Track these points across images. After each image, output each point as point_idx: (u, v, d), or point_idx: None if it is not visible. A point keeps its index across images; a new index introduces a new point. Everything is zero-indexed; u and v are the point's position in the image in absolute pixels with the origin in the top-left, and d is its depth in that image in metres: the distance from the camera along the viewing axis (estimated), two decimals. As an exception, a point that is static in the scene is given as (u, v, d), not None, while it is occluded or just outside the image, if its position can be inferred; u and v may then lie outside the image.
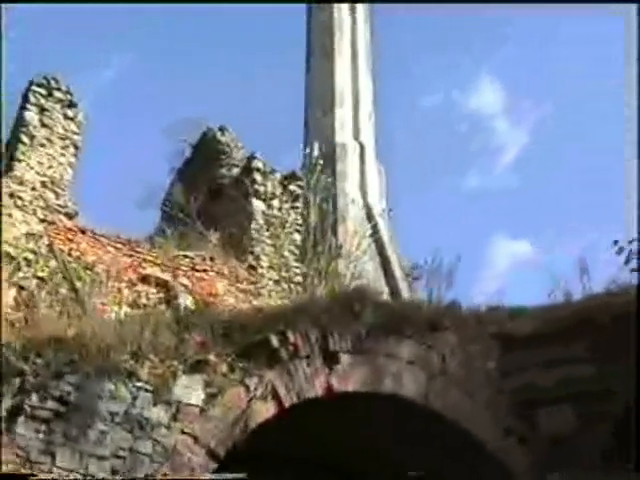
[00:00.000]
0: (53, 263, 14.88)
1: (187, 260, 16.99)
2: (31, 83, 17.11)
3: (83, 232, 15.98)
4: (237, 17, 71.50)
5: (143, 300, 15.70)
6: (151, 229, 21.13)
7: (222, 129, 24.02)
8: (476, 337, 10.75)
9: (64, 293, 14.29)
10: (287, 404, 9.60)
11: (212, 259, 17.40)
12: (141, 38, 66.94)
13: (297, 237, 19.55)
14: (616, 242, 11.46)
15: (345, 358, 10.15)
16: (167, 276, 16.42)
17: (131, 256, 16.24)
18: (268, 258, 18.62)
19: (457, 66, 66.75)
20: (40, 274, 14.65)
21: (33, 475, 8.01)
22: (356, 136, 32.61)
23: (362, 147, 32.16)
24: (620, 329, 9.82)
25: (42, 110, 16.81)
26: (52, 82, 17.22)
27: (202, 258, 17.26)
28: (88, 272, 14.87)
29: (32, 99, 16.79)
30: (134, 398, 8.86)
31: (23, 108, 16.70)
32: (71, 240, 15.64)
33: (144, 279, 16.07)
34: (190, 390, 9.23)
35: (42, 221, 15.61)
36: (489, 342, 10.68)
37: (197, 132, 24.64)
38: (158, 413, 8.90)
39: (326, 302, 11.15)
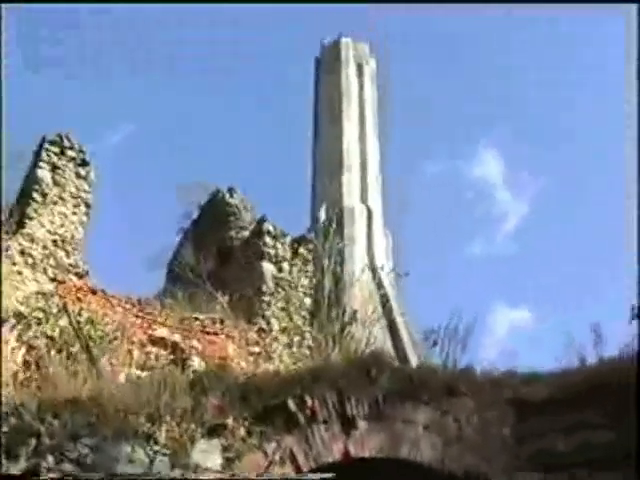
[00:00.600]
0: (63, 322, 14.62)
1: (197, 322, 16.74)
2: (43, 140, 17.02)
3: (93, 292, 15.77)
4: (245, 83, 72.27)
5: (153, 361, 15.40)
6: (158, 288, 21.01)
7: (231, 191, 24.05)
8: (491, 402, 10.62)
9: (74, 352, 14.04)
10: (305, 469, 9.36)
11: (222, 321, 17.17)
12: (149, 103, 67.55)
13: (307, 301, 19.38)
14: (633, 308, 11.34)
15: (362, 423, 9.98)
16: (177, 338, 16.16)
17: (141, 317, 16.00)
18: (278, 321, 18.39)
19: (460, 135, 67.34)
20: (50, 333, 14.38)
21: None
22: (364, 200, 32.73)
23: (369, 211, 32.23)
24: (635, 394, 9.73)
25: (54, 168, 16.70)
26: (65, 140, 17.12)
27: (212, 320, 17.03)
28: (98, 332, 14.61)
29: (45, 157, 16.67)
30: (151, 462, 8.57)
31: (35, 166, 16.56)
32: (81, 300, 15.42)
33: (154, 340, 15.81)
34: (208, 454, 8.97)
35: (52, 280, 15.40)
36: (504, 407, 10.56)
37: (206, 193, 24.68)
38: (176, 477, 8.62)
39: (343, 367, 11.01)
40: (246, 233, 22.31)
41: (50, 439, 8.23)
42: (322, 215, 31.39)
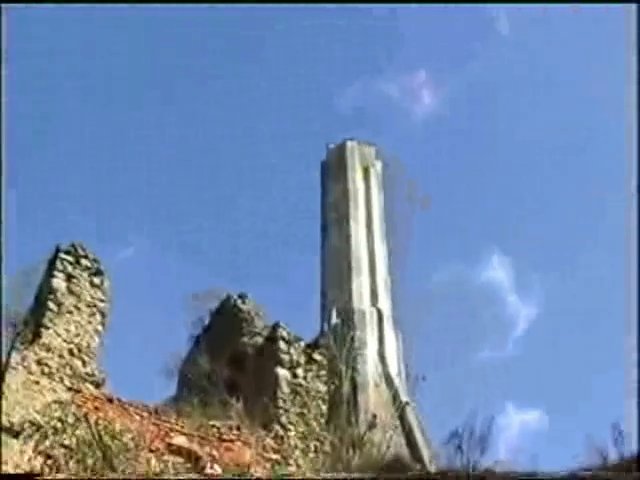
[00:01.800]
0: (80, 431, 14.51)
1: (214, 429, 16.58)
2: (58, 250, 17.16)
3: (110, 400, 15.69)
4: (250, 198, 73.20)
5: (171, 470, 15.22)
6: (171, 396, 20.92)
7: (242, 297, 24.14)
8: None
9: (92, 463, 13.90)
10: None
11: (239, 428, 17.02)
12: (157, 218, 68.26)
13: (323, 406, 19.25)
14: None
15: None
16: (195, 446, 15.99)
17: (158, 425, 15.87)
18: (295, 427, 18.22)
19: (468, 242, 67.72)
20: (67, 442, 14.26)
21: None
22: (374, 302, 32.69)
23: (380, 313, 32.17)
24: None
25: (69, 277, 16.81)
26: (79, 250, 17.27)
27: (229, 427, 16.90)
28: (116, 442, 14.48)
29: (59, 266, 16.80)
30: None
31: (50, 275, 16.66)
32: (98, 409, 15.33)
33: (172, 449, 15.63)
34: None
35: (69, 389, 15.34)
36: None
37: (217, 301, 24.79)
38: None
39: (371, 472, 11.01)
40: (259, 339, 22.31)
41: None
42: (333, 319, 31.32)
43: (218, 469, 15.82)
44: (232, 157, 75.73)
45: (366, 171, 38.37)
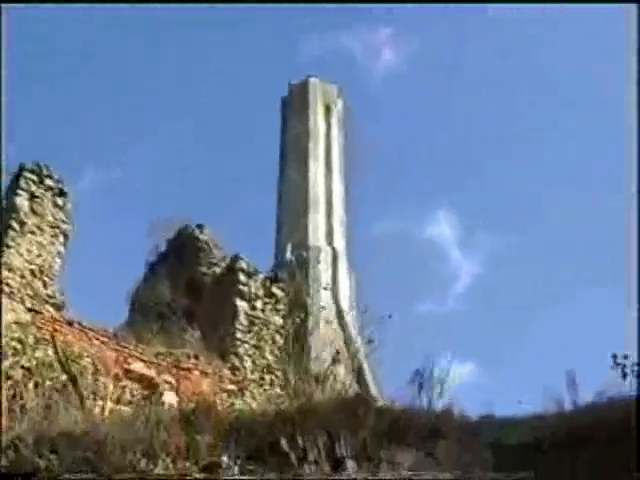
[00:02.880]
0: (40, 354, 14.41)
1: (172, 357, 16.58)
2: (22, 168, 16.81)
3: (70, 324, 15.55)
4: (210, 119, 72.29)
5: (127, 396, 15.22)
6: (121, 321, 20.78)
7: (200, 227, 24.05)
8: (470, 447, 10.47)
9: (51, 386, 13.83)
10: None
11: (197, 357, 17.03)
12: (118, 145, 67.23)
13: (279, 339, 19.32)
14: (614, 356, 11.51)
15: (351, 464, 9.89)
16: (153, 373, 15.99)
17: (116, 350, 15.81)
18: (251, 359, 18.29)
19: (415, 194, 67.73)
20: (27, 364, 14.13)
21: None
22: (329, 241, 32.78)
23: (335, 252, 32.28)
24: (618, 442, 9.66)
25: (32, 197, 16.48)
26: (44, 169, 16.94)
27: (187, 356, 16.89)
28: (75, 365, 14.42)
29: (23, 185, 16.46)
30: (147, 499, 8.47)
31: (14, 193, 16.33)
32: (58, 331, 15.19)
33: (129, 375, 15.62)
34: (203, 493, 8.88)
35: (29, 310, 15.15)
36: (484, 452, 10.39)
37: (174, 230, 24.67)
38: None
39: (331, 407, 10.93)
40: (216, 269, 22.28)
41: (49, 474, 8.09)
42: (288, 254, 31.40)
43: (170, 397, 15.88)
44: (193, 90, 74.82)
45: (328, 109, 38.16)
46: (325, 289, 28.79)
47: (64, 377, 14.22)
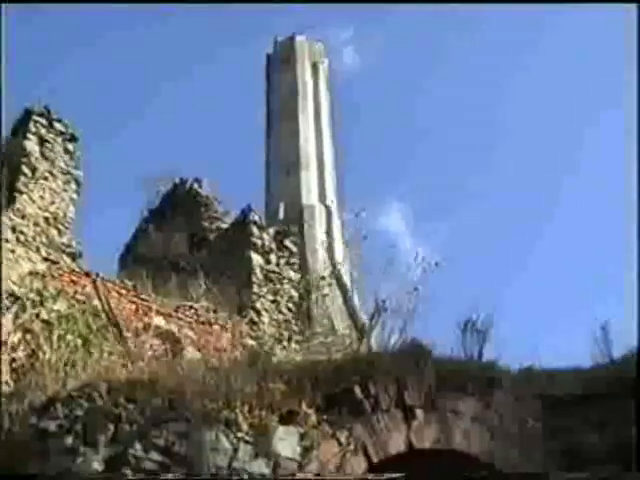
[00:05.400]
0: (59, 306, 13.48)
1: (192, 311, 15.73)
2: (30, 112, 15.76)
3: (87, 275, 14.60)
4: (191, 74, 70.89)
5: (149, 351, 14.35)
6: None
7: (198, 181, 23.25)
8: (524, 396, 10.40)
9: (70, 339, 12.93)
10: (375, 459, 8.93)
11: (215, 311, 16.18)
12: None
13: (294, 294, 18.60)
14: None
15: (420, 413, 9.64)
16: (173, 327, 15.13)
17: (135, 303, 14.91)
18: (269, 314, 17.52)
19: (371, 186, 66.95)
20: (47, 317, 13.18)
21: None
22: (322, 199, 31.98)
23: (329, 210, 31.50)
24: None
25: (42, 141, 15.46)
26: (53, 113, 15.92)
27: (206, 309, 16.03)
28: (98, 319, 13.54)
29: (32, 129, 15.42)
30: (235, 450, 7.68)
31: (23, 137, 15.29)
32: (75, 282, 14.25)
33: (149, 329, 14.73)
34: (286, 443, 8.22)
35: (45, 260, 14.17)
36: (535, 402, 10.34)
37: (169, 184, 23.86)
38: (259, 467, 7.78)
39: (395, 355, 10.53)
40: (220, 224, 21.50)
41: (130, 425, 7.24)
42: (281, 213, 30.56)
43: (191, 351, 15.12)
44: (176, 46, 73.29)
45: (314, 67, 37.24)
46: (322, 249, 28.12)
47: (86, 330, 13.33)
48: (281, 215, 30.24)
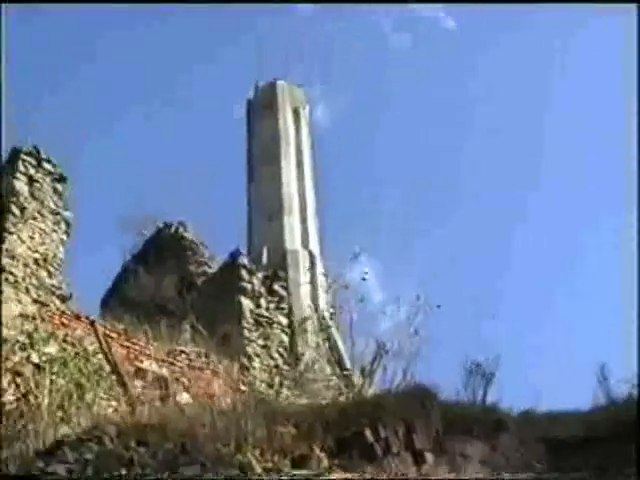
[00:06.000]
0: (50, 349, 13.09)
1: (183, 355, 15.37)
2: (18, 151, 15.47)
3: (78, 317, 14.23)
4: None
5: (140, 395, 13.99)
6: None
7: (183, 224, 23.06)
8: (527, 439, 10.46)
9: (62, 384, 12.55)
10: None
11: (207, 356, 15.83)
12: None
13: (285, 339, 18.31)
14: None
15: (429, 456, 9.57)
16: (165, 372, 14.76)
17: (127, 347, 14.54)
18: (260, 359, 17.19)
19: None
20: (37, 361, 12.77)
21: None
22: (305, 245, 31.71)
23: (312, 255, 31.21)
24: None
25: (31, 181, 15.16)
26: (41, 152, 15.65)
27: (197, 354, 15.68)
28: (90, 363, 13.15)
29: (21, 168, 15.12)
30: (250, 493, 7.39)
31: (12, 177, 14.98)
32: (66, 325, 13.88)
33: (140, 373, 14.37)
34: (299, 486, 7.94)
35: (35, 301, 13.80)
36: (539, 445, 10.39)
37: (152, 227, 23.63)
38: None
39: (401, 398, 10.35)
40: (206, 268, 21.26)
41: (142, 468, 6.92)
42: (264, 259, 30.23)
43: (185, 398, 14.76)
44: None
45: (296, 113, 37.21)
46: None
47: (77, 375, 12.95)
48: (264, 260, 29.94)
